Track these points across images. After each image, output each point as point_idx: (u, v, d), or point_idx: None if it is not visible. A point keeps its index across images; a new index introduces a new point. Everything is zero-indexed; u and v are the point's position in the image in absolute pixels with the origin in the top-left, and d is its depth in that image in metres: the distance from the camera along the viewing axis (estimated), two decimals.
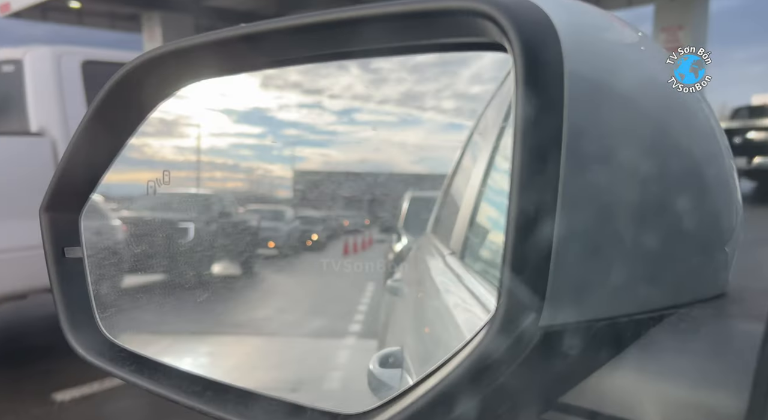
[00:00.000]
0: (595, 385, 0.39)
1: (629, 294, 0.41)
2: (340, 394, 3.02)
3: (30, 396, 3.55)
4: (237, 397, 0.50)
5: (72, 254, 0.60)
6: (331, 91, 1.71)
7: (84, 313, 0.62)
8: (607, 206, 0.41)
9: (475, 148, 1.53)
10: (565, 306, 0.38)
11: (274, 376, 3.96)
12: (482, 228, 1.07)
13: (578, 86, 0.40)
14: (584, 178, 0.40)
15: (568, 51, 0.39)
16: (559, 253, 0.37)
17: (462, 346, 0.39)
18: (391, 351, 1.07)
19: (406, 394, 0.40)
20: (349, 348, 4.25)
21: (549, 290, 0.37)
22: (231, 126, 2.51)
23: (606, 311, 0.40)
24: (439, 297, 1.08)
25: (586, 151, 0.40)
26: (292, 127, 2.94)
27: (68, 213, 0.61)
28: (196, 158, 3.71)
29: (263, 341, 4.69)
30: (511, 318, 0.36)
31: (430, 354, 0.87)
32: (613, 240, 0.41)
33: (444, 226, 1.77)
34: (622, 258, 0.41)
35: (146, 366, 0.58)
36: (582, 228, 0.39)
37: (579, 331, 0.39)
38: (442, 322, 0.91)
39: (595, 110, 0.42)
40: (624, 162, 0.42)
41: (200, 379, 0.53)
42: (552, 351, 0.38)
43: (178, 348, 4.15)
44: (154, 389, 0.54)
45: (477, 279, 0.89)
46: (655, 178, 0.43)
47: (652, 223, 0.43)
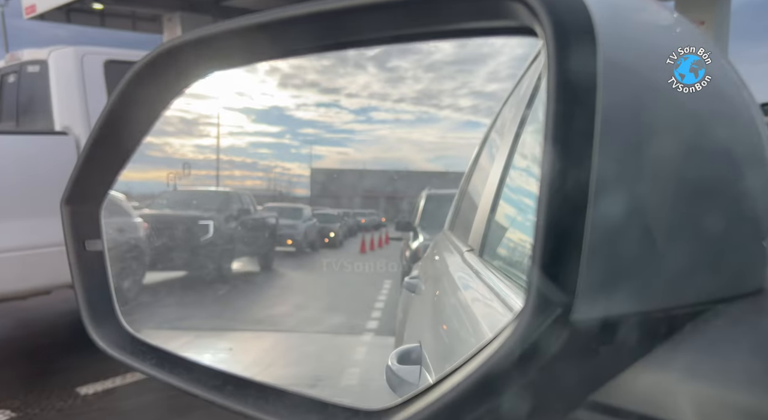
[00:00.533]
0: (627, 383, 0.38)
1: (662, 289, 0.39)
2: (358, 390, 3.04)
3: (54, 390, 3.62)
4: (257, 392, 0.49)
5: (93, 247, 0.60)
6: (348, 90, 1.71)
7: (105, 306, 0.62)
8: (640, 199, 0.39)
9: (493, 146, 1.51)
10: (595, 301, 0.37)
11: (293, 372, 3.99)
12: (501, 225, 1.06)
13: (613, 71, 0.38)
14: (618, 169, 0.38)
15: (602, 34, 0.38)
16: (590, 247, 0.36)
17: (485, 344, 0.38)
18: (410, 347, 1.07)
19: (428, 391, 0.39)
20: (366, 345, 4.26)
21: (579, 285, 0.35)
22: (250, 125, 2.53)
23: (638, 306, 0.39)
24: (457, 293, 1.07)
25: (621, 143, 0.38)
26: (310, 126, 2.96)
27: (88, 206, 0.61)
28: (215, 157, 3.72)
29: (282, 337, 4.71)
30: (539, 314, 0.35)
31: (449, 351, 0.86)
32: (645, 234, 0.39)
33: (462, 223, 1.75)
34: (655, 252, 0.39)
35: (167, 360, 0.58)
36: (613, 222, 0.38)
37: (609, 326, 0.37)
38: (461, 319, 0.90)
39: (632, 97, 0.40)
40: (660, 154, 0.40)
41: (220, 374, 0.53)
42: (581, 347, 0.36)
43: (199, 344, 4.21)
44: (175, 383, 0.54)
45: (497, 275, 0.88)
46: (693, 171, 0.41)
47: (687, 217, 0.41)
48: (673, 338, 0.39)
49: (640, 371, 0.38)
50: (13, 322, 5.31)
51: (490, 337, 0.38)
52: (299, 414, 0.45)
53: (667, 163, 0.40)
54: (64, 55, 4.87)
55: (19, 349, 4.59)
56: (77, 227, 0.60)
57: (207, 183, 8.24)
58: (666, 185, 0.40)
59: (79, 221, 0.60)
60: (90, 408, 3.41)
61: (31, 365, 4.06)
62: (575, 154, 0.36)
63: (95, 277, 0.61)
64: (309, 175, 7.12)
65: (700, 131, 0.42)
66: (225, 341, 4.61)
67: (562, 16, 0.37)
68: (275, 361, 4.10)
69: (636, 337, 0.38)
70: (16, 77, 5.23)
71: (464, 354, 0.39)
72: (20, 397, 3.48)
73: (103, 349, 0.59)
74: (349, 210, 7.39)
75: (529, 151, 0.92)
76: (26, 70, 5.10)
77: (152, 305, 5.33)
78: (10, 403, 3.40)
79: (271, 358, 4.23)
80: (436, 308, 1.22)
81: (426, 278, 1.70)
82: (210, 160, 8.72)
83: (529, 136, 0.94)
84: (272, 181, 8.13)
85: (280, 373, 3.78)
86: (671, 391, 0.37)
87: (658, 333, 0.39)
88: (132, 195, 6.65)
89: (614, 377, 0.38)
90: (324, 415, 0.45)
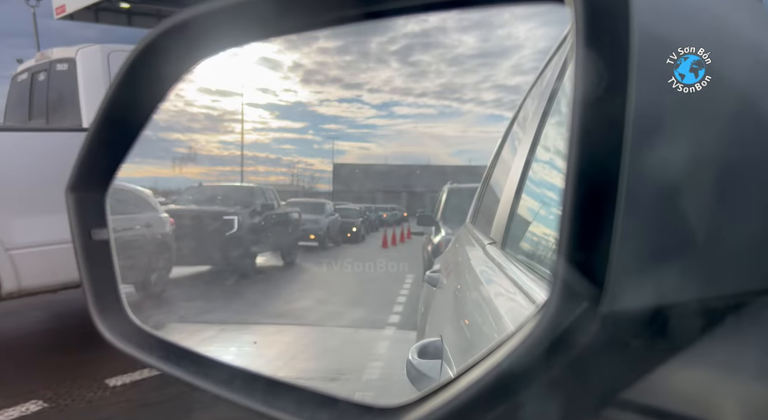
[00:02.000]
0: (662, 379, 0.35)
1: (700, 277, 0.36)
2: (380, 384, 3.03)
3: (84, 381, 3.70)
4: (265, 387, 0.47)
5: (99, 236, 0.59)
6: (370, 85, 1.69)
7: (111, 297, 0.61)
8: (676, 182, 0.35)
9: (515, 139, 1.48)
10: (626, 291, 0.33)
11: (315, 365, 4.01)
12: (524, 217, 1.03)
13: (649, 44, 0.35)
14: (652, 152, 0.34)
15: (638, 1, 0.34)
16: (621, 234, 0.32)
17: (506, 338, 0.35)
18: (430, 341, 1.04)
19: (447, 387, 0.37)
20: (388, 339, 4.27)
21: (609, 274, 0.32)
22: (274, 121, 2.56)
23: (674, 296, 0.35)
24: (479, 287, 1.04)
25: (655, 125, 0.35)
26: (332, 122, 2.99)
27: (94, 193, 0.60)
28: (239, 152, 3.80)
29: (304, 331, 4.75)
30: (565, 305, 0.32)
31: (471, 344, 0.83)
32: (681, 218, 0.35)
33: (484, 216, 1.72)
34: (692, 236, 0.35)
35: (173, 352, 0.57)
36: (647, 204, 0.34)
37: (643, 318, 0.34)
38: (483, 313, 0.88)
39: (670, 74, 0.36)
40: (701, 139, 0.36)
41: (228, 368, 0.52)
42: (612, 341, 0.33)
43: (224, 337, 4.25)
44: (181, 376, 0.52)
45: (520, 268, 0.85)
46: (738, 151, 0.37)
47: (729, 198, 0.37)
48: (713, 332, 0.35)
49: (677, 367, 0.35)
50: (48, 315, 5.46)
51: (511, 331, 0.35)
52: (308, 410, 0.43)
53: (709, 142, 0.36)
54: (92, 53, 4.96)
55: (53, 341, 4.72)
56: (83, 216, 0.59)
57: (232, 179, 8.36)
58: (707, 165, 0.36)
59: (85, 209, 0.59)
60: (118, 399, 3.48)
61: (63, 357, 4.16)
62: (604, 138, 0.32)
63: (102, 267, 0.60)
64: (331, 170, 7.14)
65: (748, 110, 0.38)
66: (249, 335, 4.66)
67: None
68: (298, 355, 4.13)
69: (672, 330, 0.35)
70: (45, 75, 5.36)
71: (485, 348, 0.37)
72: (53, 387, 3.57)
73: (110, 340, 0.58)
74: (371, 205, 7.43)
75: (552, 144, 0.88)
76: (55, 68, 5.22)
77: (177, 299, 5.44)
78: (42, 393, 3.49)
79: (294, 351, 4.27)
80: (457, 302, 1.19)
81: (448, 272, 1.68)
82: (234, 156, 8.76)
83: (552, 128, 0.91)
84: (295, 176, 8.22)
85: (302, 366, 3.80)
86: (712, 389, 0.34)
87: (696, 326, 0.35)
88: (158, 190, 6.79)
89: (648, 374, 0.35)
90: (334, 412, 0.43)
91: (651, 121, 0.35)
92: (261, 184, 7.70)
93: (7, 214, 4.02)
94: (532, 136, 1.03)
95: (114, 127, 0.57)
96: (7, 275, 3.98)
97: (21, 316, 5.19)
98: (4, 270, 3.96)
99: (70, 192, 0.58)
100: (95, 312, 0.58)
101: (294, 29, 0.54)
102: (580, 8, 0.34)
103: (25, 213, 4.04)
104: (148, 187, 5.81)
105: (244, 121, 8.14)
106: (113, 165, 0.60)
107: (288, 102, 8.76)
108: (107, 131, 0.56)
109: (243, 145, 9.13)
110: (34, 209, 4.03)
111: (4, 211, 4.03)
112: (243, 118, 8.13)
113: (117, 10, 12.59)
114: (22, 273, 4.07)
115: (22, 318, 5.19)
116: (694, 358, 0.35)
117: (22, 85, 5.76)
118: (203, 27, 0.51)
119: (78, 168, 0.57)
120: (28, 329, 5.05)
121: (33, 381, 3.69)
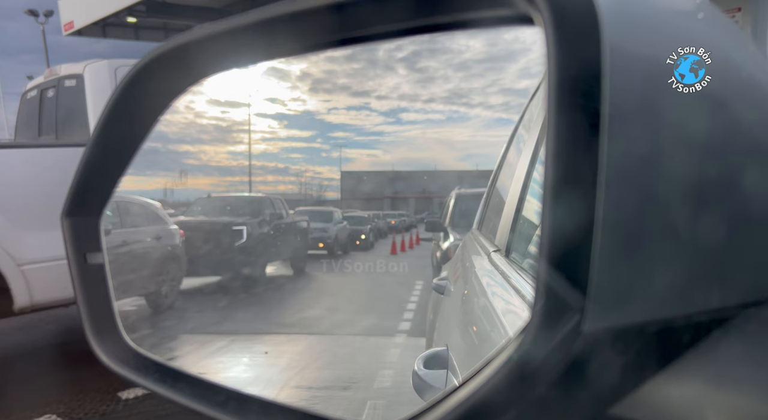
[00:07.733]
0: (649, 395, 0.34)
1: (686, 292, 0.35)
2: (392, 392, 3.00)
3: (97, 394, 3.72)
4: (259, 408, 0.47)
5: (93, 260, 0.60)
6: (378, 92, 1.70)
7: (107, 321, 0.61)
8: (658, 193, 0.35)
9: (520, 142, 1.46)
10: (611, 306, 0.33)
11: (326, 374, 4.00)
12: (527, 223, 1.01)
13: (621, 60, 0.34)
14: (630, 162, 0.34)
15: (608, 19, 0.34)
16: (602, 246, 0.32)
17: (497, 352, 0.34)
18: (436, 351, 1.04)
19: (440, 403, 0.36)
20: (399, 346, 4.25)
21: (592, 289, 0.32)
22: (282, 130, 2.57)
23: (659, 312, 0.35)
24: (484, 295, 1.04)
25: (632, 134, 0.34)
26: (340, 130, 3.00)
27: (89, 217, 0.61)
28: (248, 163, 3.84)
29: (315, 340, 4.74)
30: (549, 321, 0.32)
31: (476, 355, 0.83)
32: (665, 229, 0.35)
33: (489, 222, 1.71)
34: (676, 250, 0.35)
35: (169, 375, 0.57)
36: (629, 217, 0.34)
37: (629, 334, 0.34)
38: (487, 322, 0.87)
39: (643, 88, 0.36)
40: (678, 145, 0.36)
41: (223, 390, 0.52)
42: (599, 357, 0.33)
43: (235, 347, 4.25)
44: (176, 399, 0.53)
45: (523, 276, 0.84)
46: (715, 162, 0.37)
47: (713, 210, 0.36)
48: (699, 346, 0.35)
49: (664, 383, 0.34)
50: (60, 329, 5.51)
51: (502, 345, 0.35)
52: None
53: (686, 157, 0.36)
54: (99, 69, 5.02)
55: (65, 355, 4.76)
56: (78, 240, 0.59)
57: (241, 189, 8.39)
58: (685, 179, 0.35)
59: (80, 234, 0.59)
60: (131, 412, 3.49)
61: (75, 370, 4.20)
62: (581, 148, 0.32)
63: (97, 290, 0.60)
64: (339, 178, 7.15)
65: (720, 124, 0.38)
66: (260, 344, 4.67)
67: (561, 2, 0.34)
68: (310, 364, 4.13)
69: (657, 346, 0.34)
70: (54, 92, 5.43)
71: (477, 364, 0.36)
72: (66, 401, 3.60)
73: (106, 364, 0.58)
74: (379, 212, 7.43)
75: None
76: (63, 84, 5.29)
77: (188, 310, 5.46)
78: (56, 407, 3.51)
79: (306, 360, 4.27)
80: (463, 311, 1.18)
81: (455, 279, 1.67)
82: (243, 166, 8.81)
83: None
84: (303, 185, 8.23)
85: (314, 375, 3.80)
86: (698, 404, 0.33)
87: (682, 341, 0.35)
88: (168, 202, 6.83)
89: (634, 390, 0.34)
90: None
91: (630, 136, 0.35)
92: (269, 193, 7.73)
93: (19, 230, 4.07)
94: (536, 139, 1.01)
95: (106, 153, 0.57)
96: (20, 290, 4.02)
97: (34, 331, 5.24)
98: (17, 285, 4.00)
99: (65, 217, 0.59)
100: (91, 335, 0.58)
101: (279, 54, 0.54)
102: (551, 30, 0.34)
103: (37, 228, 4.09)
104: (158, 199, 5.86)
105: (253, 131, 8.19)
106: (107, 190, 0.61)
107: (296, 111, 8.78)
108: (99, 158, 0.57)
109: (251, 155, 9.20)
110: (45, 224, 4.07)
111: (16, 227, 4.07)
112: (251, 128, 8.17)
113: (124, 25, 12.75)
114: (34, 288, 4.11)
115: (35, 332, 5.23)
116: (681, 373, 0.34)
117: (32, 102, 5.83)
118: (184, 58, 0.52)
119: (72, 193, 0.58)
120: (41, 343, 5.09)
121: (46, 394, 3.72)
